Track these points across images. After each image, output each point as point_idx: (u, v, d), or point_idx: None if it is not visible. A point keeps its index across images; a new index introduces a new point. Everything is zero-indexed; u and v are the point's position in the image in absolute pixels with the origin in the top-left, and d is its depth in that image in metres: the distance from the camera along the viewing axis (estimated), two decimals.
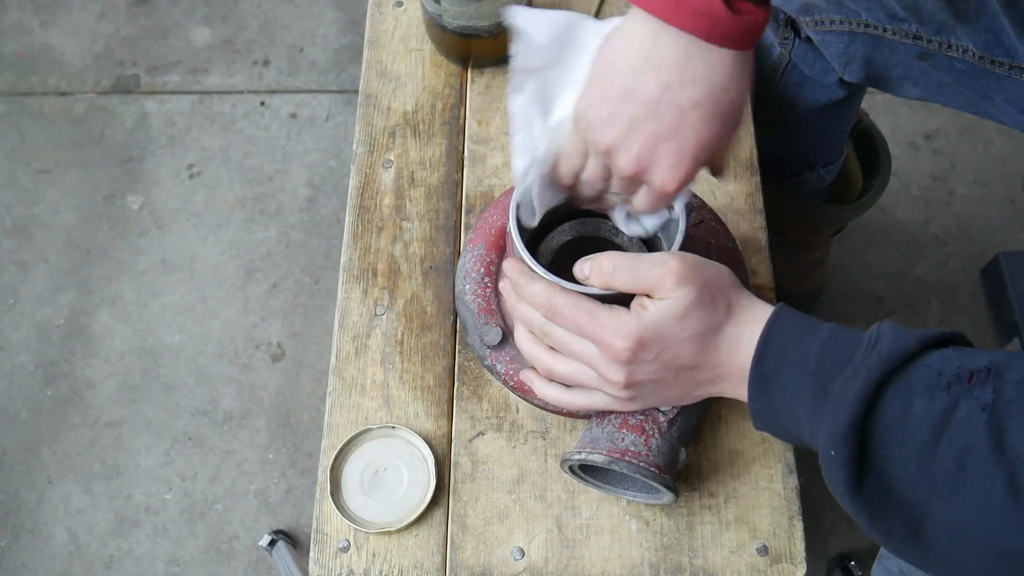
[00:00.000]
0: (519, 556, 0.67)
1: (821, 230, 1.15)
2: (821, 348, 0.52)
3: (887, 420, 0.48)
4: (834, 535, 1.25)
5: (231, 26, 1.66)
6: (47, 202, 1.51)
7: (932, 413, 0.46)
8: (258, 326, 1.41)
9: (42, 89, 1.61)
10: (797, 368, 0.53)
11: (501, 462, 0.70)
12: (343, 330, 0.75)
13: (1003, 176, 1.50)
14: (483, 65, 0.85)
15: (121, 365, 1.38)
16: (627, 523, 0.68)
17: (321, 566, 0.67)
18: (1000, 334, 1.36)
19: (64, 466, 1.32)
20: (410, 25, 0.88)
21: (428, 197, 0.80)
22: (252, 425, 1.34)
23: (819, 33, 0.82)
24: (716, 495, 0.68)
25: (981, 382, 0.46)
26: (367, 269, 0.77)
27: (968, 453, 0.45)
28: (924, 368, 0.48)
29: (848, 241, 1.43)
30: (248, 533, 1.27)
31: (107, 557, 1.26)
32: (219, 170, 1.53)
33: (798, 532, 0.67)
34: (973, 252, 1.43)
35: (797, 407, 0.53)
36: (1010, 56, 0.71)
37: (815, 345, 0.52)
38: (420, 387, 0.73)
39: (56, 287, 1.44)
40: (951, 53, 0.74)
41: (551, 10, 0.60)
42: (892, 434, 0.47)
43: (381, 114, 0.84)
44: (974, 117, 1.37)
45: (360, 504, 0.68)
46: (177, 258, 1.46)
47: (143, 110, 1.58)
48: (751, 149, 0.82)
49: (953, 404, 0.46)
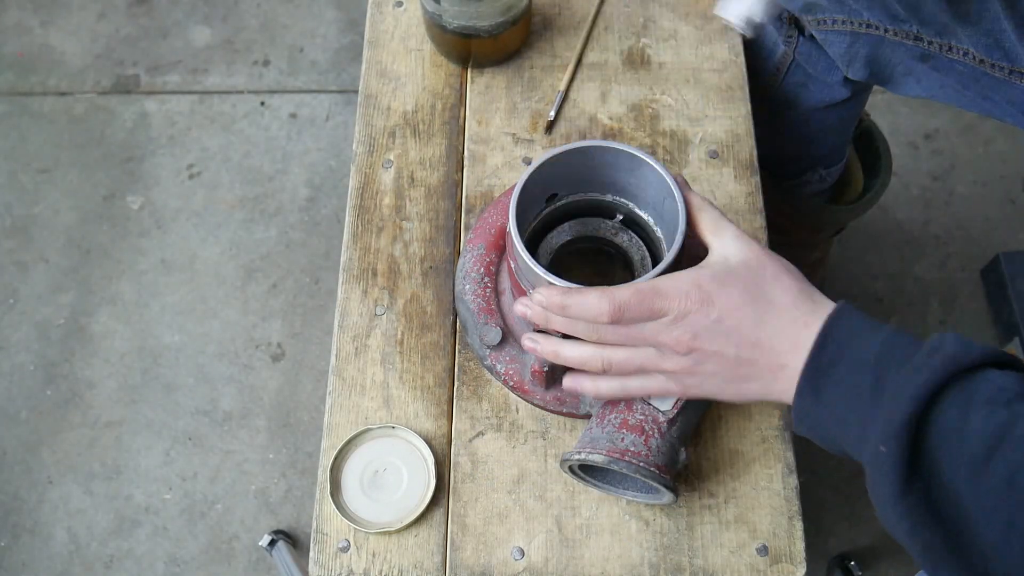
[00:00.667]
0: (519, 556, 0.67)
1: (821, 230, 1.15)
2: (882, 345, 0.51)
3: (942, 427, 0.47)
4: (834, 535, 1.25)
5: (231, 26, 1.66)
6: (47, 202, 1.51)
7: (989, 427, 0.46)
8: (258, 326, 1.41)
9: (42, 89, 1.61)
10: (855, 363, 0.52)
11: (501, 462, 0.70)
12: (343, 330, 0.75)
13: (1003, 176, 1.50)
14: (483, 65, 0.85)
15: (121, 365, 1.38)
16: (627, 523, 0.68)
17: (321, 566, 0.67)
18: (1000, 334, 1.36)
19: (64, 466, 1.32)
20: (410, 25, 0.89)
21: (428, 197, 0.80)
22: (252, 425, 1.34)
23: (822, 32, 0.82)
24: (716, 495, 0.68)
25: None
26: (367, 269, 0.77)
27: (1020, 471, 0.45)
28: (986, 382, 0.48)
29: (848, 241, 1.43)
30: (248, 533, 1.27)
31: (107, 557, 1.26)
32: (219, 170, 1.53)
33: (798, 532, 0.67)
34: (973, 252, 1.43)
35: (848, 406, 0.52)
36: (1010, 60, 0.71)
37: (876, 342, 0.52)
38: (420, 387, 0.73)
39: (56, 287, 1.44)
40: (952, 55, 0.74)
41: None
42: (946, 442, 0.47)
43: (381, 114, 0.84)
44: (974, 117, 1.37)
45: (360, 504, 0.68)
46: (177, 258, 1.46)
47: (143, 110, 1.58)
48: (751, 149, 0.82)
49: (1012, 421, 0.46)
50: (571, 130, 0.83)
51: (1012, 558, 0.45)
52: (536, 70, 0.86)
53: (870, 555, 1.23)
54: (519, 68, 0.86)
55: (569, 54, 0.86)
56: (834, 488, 1.27)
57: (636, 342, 0.58)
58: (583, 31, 0.87)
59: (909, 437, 0.47)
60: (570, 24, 0.88)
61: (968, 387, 0.47)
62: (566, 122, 0.83)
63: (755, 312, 0.56)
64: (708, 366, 0.57)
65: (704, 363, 0.57)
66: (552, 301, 0.58)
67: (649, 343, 0.58)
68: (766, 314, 0.56)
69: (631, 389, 0.61)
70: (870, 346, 0.52)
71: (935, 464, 0.47)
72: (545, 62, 0.86)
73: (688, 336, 0.56)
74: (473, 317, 0.69)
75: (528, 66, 0.86)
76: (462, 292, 0.70)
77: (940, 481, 0.47)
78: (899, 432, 0.47)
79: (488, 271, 0.70)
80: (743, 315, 0.56)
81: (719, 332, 0.56)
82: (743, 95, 0.84)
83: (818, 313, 0.55)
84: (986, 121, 1.52)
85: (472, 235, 0.72)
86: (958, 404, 0.47)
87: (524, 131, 0.83)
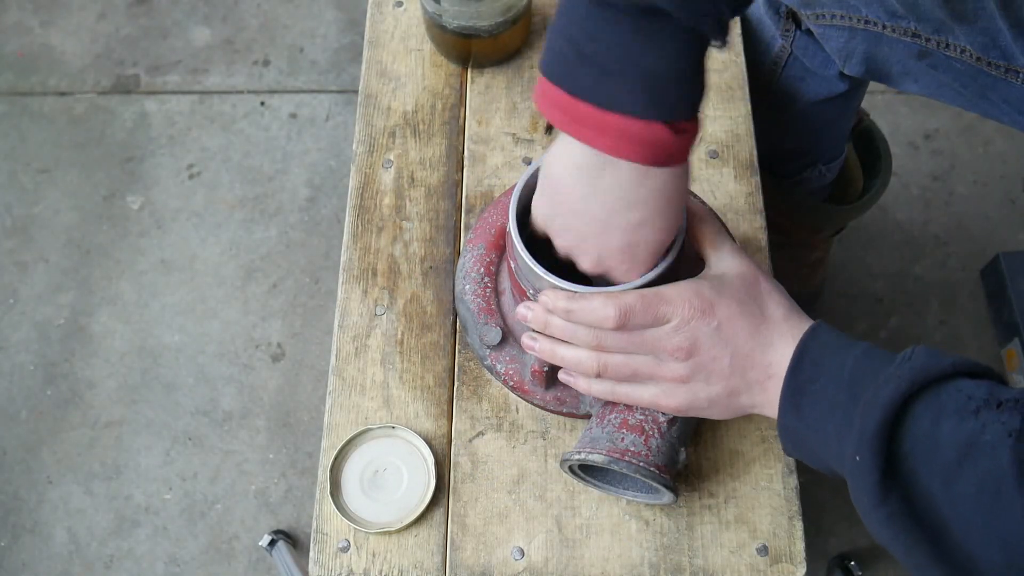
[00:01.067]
0: (519, 556, 0.67)
1: (821, 230, 1.15)
2: (855, 362, 0.53)
3: (915, 435, 0.48)
4: (834, 535, 1.25)
5: (231, 26, 1.66)
6: (47, 202, 1.51)
7: (960, 434, 0.47)
8: (258, 326, 1.41)
9: (42, 89, 1.61)
10: (831, 380, 0.53)
11: (501, 462, 0.70)
12: (343, 330, 0.75)
13: (1003, 176, 1.50)
14: (483, 65, 0.85)
15: (121, 365, 1.38)
16: (627, 523, 0.68)
17: (321, 566, 0.67)
18: (1000, 334, 1.36)
19: (64, 466, 1.32)
20: (410, 25, 0.89)
21: (428, 197, 0.80)
22: (252, 425, 1.34)
23: (820, 27, 0.82)
24: (716, 495, 0.68)
25: (1010, 409, 0.46)
26: (367, 269, 0.77)
27: (991, 477, 0.45)
28: (956, 391, 0.48)
29: (848, 241, 1.43)
30: (248, 533, 1.27)
31: (107, 557, 1.26)
32: (219, 170, 1.53)
33: (798, 532, 0.67)
34: (973, 252, 1.43)
35: (827, 420, 0.53)
36: (1006, 59, 0.71)
37: (850, 359, 0.53)
38: (420, 387, 0.73)
39: (56, 287, 1.44)
40: (949, 53, 0.74)
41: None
42: (919, 449, 0.48)
43: (381, 114, 0.84)
44: (974, 117, 1.37)
45: (360, 504, 0.68)
46: (177, 258, 1.46)
47: (143, 110, 1.58)
48: (751, 149, 0.82)
49: (980, 429, 0.46)
50: None
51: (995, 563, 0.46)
52: (536, 70, 0.86)
53: (870, 555, 1.23)
54: (519, 68, 0.86)
55: None
56: (834, 488, 1.27)
57: (636, 348, 0.59)
58: None
59: (881, 445, 0.48)
60: None
61: (939, 396, 0.48)
62: None
63: (750, 324, 0.57)
64: (702, 376, 0.59)
65: (699, 372, 0.58)
66: (557, 305, 0.59)
67: (649, 350, 0.59)
68: (760, 326, 0.57)
69: (619, 395, 0.62)
70: (844, 363, 0.53)
71: (911, 472, 0.48)
72: None
73: (688, 343, 0.57)
74: (473, 317, 0.69)
75: (528, 66, 0.86)
76: (462, 292, 0.70)
77: (918, 489, 0.48)
78: (871, 441, 0.48)
79: (488, 271, 0.70)
80: (739, 325, 0.57)
81: (718, 340, 0.57)
82: (743, 95, 0.84)
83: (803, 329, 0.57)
84: (986, 121, 1.52)
85: (472, 235, 0.72)
86: (930, 413, 0.48)
87: (524, 131, 0.83)
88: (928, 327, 1.39)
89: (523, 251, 0.59)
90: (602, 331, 0.58)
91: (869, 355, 0.53)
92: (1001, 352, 1.36)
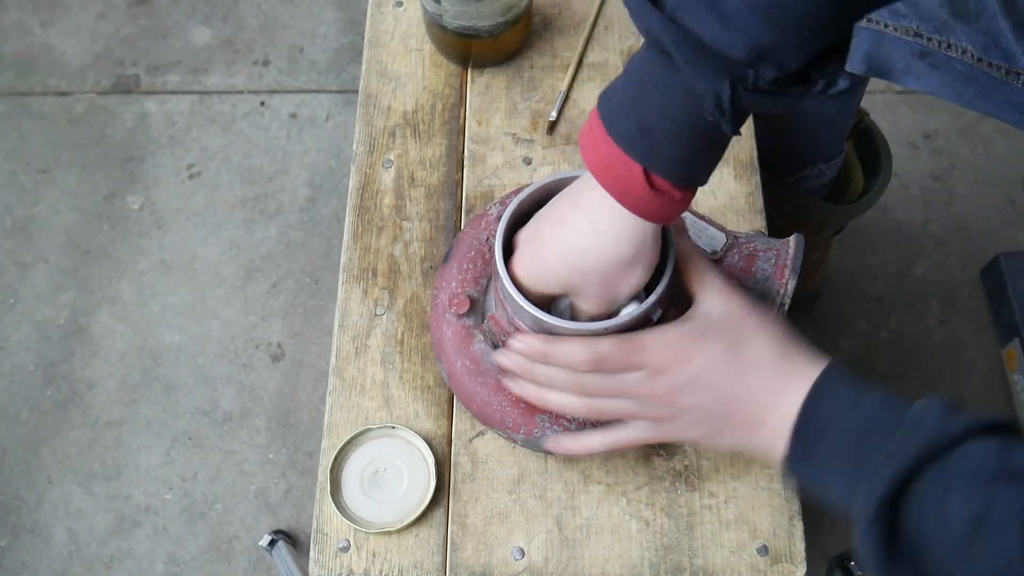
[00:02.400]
0: (519, 556, 0.67)
1: (821, 230, 1.15)
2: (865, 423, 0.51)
3: (923, 509, 0.47)
4: (834, 535, 1.25)
5: (231, 26, 1.66)
6: (47, 202, 1.51)
7: (967, 511, 0.46)
8: (258, 326, 1.41)
9: (42, 89, 1.61)
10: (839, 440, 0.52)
11: (501, 462, 0.70)
12: (343, 330, 0.75)
13: (1003, 176, 1.50)
14: (483, 65, 0.85)
15: (121, 365, 1.38)
16: (627, 523, 0.68)
17: (321, 566, 0.67)
18: (1000, 334, 1.36)
19: (64, 466, 1.32)
20: (410, 25, 0.89)
21: (428, 197, 0.80)
22: (252, 425, 1.34)
23: None
24: (716, 495, 0.68)
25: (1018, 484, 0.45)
26: (367, 269, 0.77)
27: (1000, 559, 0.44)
28: (964, 461, 0.47)
29: (848, 241, 1.43)
30: (248, 533, 1.27)
31: (107, 557, 1.26)
32: (219, 170, 1.53)
33: (798, 532, 0.67)
34: (973, 252, 1.43)
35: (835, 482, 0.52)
36: (1007, 60, 0.71)
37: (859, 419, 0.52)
38: (420, 387, 0.73)
39: (56, 287, 1.44)
40: (950, 53, 0.74)
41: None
42: (927, 525, 0.47)
43: (381, 114, 0.84)
44: (974, 117, 1.37)
45: (360, 504, 0.68)
46: (177, 258, 1.46)
47: (143, 110, 1.58)
48: (751, 149, 0.82)
49: (989, 506, 0.45)
50: (572, 130, 0.83)
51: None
52: (536, 70, 0.86)
53: None
54: (519, 68, 0.86)
55: (569, 54, 0.86)
56: None
57: (614, 393, 0.59)
58: (584, 31, 0.87)
59: (887, 521, 0.47)
60: (570, 24, 0.88)
61: (947, 467, 0.47)
62: (567, 122, 0.83)
63: (734, 369, 0.56)
64: (681, 421, 0.59)
65: (681, 415, 0.58)
66: (534, 348, 0.59)
67: (628, 395, 0.59)
68: (744, 370, 0.56)
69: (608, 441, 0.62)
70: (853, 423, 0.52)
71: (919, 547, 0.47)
72: (545, 62, 0.86)
73: (662, 390, 0.57)
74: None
75: (528, 66, 0.86)
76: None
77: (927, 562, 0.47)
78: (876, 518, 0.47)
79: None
80: (721, 371, 0.57)
81: (696, 387, 0.57)
82: None
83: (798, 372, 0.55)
84: (986, 121, 1.52)
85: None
86: (937, 487, 0.47)
87: (524, 131, 0.83)
88: (928, 327, 1.39)
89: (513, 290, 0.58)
90: (583, 376, 0.59)
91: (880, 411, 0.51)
92: (1001, 352, 1.36)
